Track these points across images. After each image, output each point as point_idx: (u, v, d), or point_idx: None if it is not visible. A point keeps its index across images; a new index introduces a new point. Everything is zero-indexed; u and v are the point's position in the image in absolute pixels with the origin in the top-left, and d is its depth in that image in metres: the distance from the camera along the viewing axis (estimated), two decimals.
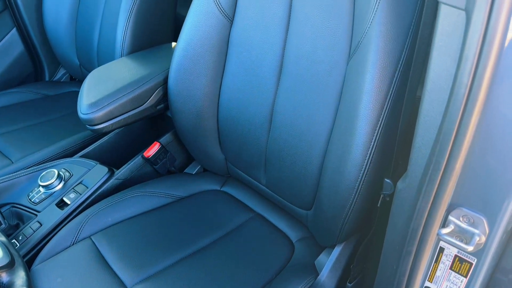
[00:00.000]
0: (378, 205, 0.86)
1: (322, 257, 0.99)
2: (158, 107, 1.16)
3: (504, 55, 0.50)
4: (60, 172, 1.12)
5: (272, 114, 0.98)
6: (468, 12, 0.48)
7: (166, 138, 1.22)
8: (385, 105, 0.75)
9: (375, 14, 0.72)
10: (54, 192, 1.10)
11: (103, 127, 1.05)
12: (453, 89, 0.52)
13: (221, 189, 1.19)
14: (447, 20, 0.52)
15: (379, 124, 0.75)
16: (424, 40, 0.67)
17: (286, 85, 0.93)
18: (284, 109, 0.94)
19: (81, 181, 1.12)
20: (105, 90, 1.06)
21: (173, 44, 1.31)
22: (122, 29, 1.24)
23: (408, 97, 0.77)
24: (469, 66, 0.49)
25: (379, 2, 0.72)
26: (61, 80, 1.72)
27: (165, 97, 1.15)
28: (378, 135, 0.76)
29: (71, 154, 1.25)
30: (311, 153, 0.90)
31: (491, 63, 0.49)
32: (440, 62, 0.54)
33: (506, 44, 0.49)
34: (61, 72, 1.72)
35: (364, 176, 0.79)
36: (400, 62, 0.74)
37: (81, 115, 1.03)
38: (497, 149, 0.55)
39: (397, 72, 0.74)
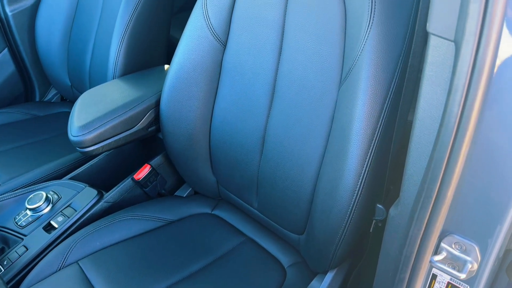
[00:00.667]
0: (371, 230, 0.85)
1: (314, 283, 0.98)
2: (149, 129, 1.15)
3: (493, 85, 0.51)
4: (48, 195, 1.10)
5: (264, 137, 0.98)
6: (457, 43, 0.49)
7: (157, 160, 1.21)
8: (376, 131, 0.75)
9: (365, 42, 0.74)
10: (42, 215, 1.08)
11: (93, 150, 1.04)
12: (444, 118, 0.52)
13: (212, 212, 1.18)
14: (437, 51, 0.53)
15: (370, 149, 0.76)
16: (414, 68, 0.68)
17: (278, 109, 0.94)
18: (276, 132, 0.94)
19: (70, 204, 1.10)
20: (96, 112, 1.05)
21: (166, 66, 1.32)
22: (115, 51, 1.25)
23: (399, 122, 0.78)
24: (458, 96, 0.50)
25: (369, 32, 0.73)
26: (52, 101, 1.71)
27: (156, 119, 1.15)
28: (370, 160, 0.77)
29: (60, 176, 1.23)
30: (303, 177, 0.90)
31: (480, 93, 0.50)
32: (430, 91, 0.54)
33: (494, 74, 0.50)
34: (52, 92, 1.71)
35: (356, 201, 0.79)
36: (391, 90, 0.75)
37: (71, 137, 1.02)
38: (488, 177, 0.56)
39: (387, 99, 0.75)
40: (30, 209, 1.08)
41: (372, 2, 0.73)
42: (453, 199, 0.58)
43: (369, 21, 0.74)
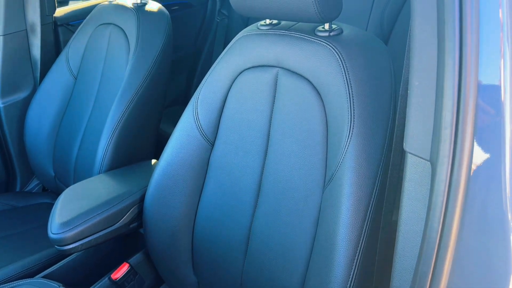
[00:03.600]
0: None
1: None
2: (131, 226, 1.13)
3: (470, 201, 0.53)
4: None
5: (249, 236, 0.97)
6: (433, 163, 0.53)
7: (136, 258, 1.17)
8: (362, 236, 0.76)
9: (346, 150, 0.78)
10: None
11: (72, 248, 1.00)
12: (425, 233, 0.54)
13: None
14: (414, 168, 0.56)
15: (357, 255, 0.76)
16: (395, 167, 0.71)
17: (263, 208, 0.94)
18: (261, 231, 0.94)
19: None
20: (79, 209, 1.04)
21: (153, 161, 1.34)
22: (104, 146, 1.27)
23: (384, 224, 0.79)
24: (438, 212, 0.52)
25: (349, 141, 0.78)
26: (33, 191, 1.68)
27: (139, 215, 1.14)
28: (356, 266, 0.76)
29: (32, 274, 1.17)
30: (290, 280, 0.88)
31: (459, 209, 0.53)
32: (411, 206, 0.57)
33: (470, 192, 0.53)
34: (34, 182, 1.69)
35: None
36: (373, 195, 0.77)
37: (51, 235, 0.99)
38: (472, 284, 0.56)
39: (371, 204, 0.77)
40: None
41: (351, 115, 0.79)
42: None
43: (349, 131, 0.79)
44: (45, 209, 1.48)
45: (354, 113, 0.78)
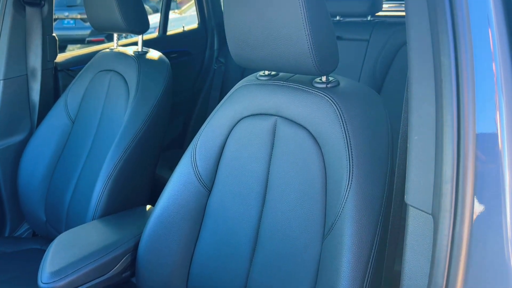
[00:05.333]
0: None
1: None
2: (123, 275, 1.10)
3: (473, 255, 0.53)
4: None
5: (246, 287, 0.94)
6: (435, 217, 0.53)
7: None
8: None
9: (346, 200, 0.78)
10: None
11: None
12: None
13: None
14: (416, 221, 0.56)
15: None
16: (394, 229, 0.71)
17: (261, 257, 0.92)
18: (259, 282, 0.91)
19: None
20: (70, 257, 1.01)
21: (148, 207, 1.32)
22: (99, 191, 1.25)
23: (386, 274, 0.77)
24: (442, 268, 0.52)
25: (348, 190, 0.78)
26: (23, 236, 1.64)
27: (132, 264, 1.11)
28: None
29: None
30: None
31: (462, 264, 0.52)
32: (414, 260, 0.56)
33: (472, 245, 0.53)
34: (24, 227, 1.65)
35: None
36: (374, 245, 0.76)
37: (41, 284, 0.96)
38: None
39: (372, 255, 0.76)
40: None
41: (350, 164, 0.79)
42: None
43: (348, 180, 0.79)
44: (35, 255, 1.43)
45: (352, 162, 0.79)
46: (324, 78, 0.90)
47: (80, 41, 6.28)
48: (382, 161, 0.82)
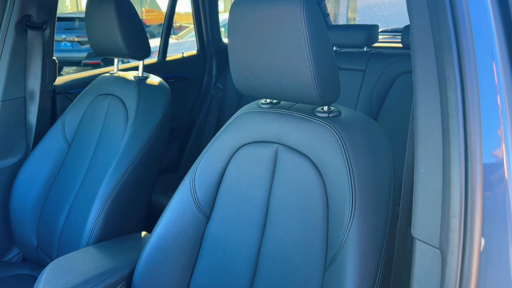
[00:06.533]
0: None
1: None
2: None
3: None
4: None
5: None
6: (443, 252, 0.52)
7: None
8: None
9: (348, 231, 0.77)
10: None
11: None
12: None
13: None
14: (423, 255, 0.55)
15: None
16: (398, 263, 0.70)
17: None
18: None
19: None
20: (64, 285, 0.98)
21: (143, 233, 1.29)
22: (94, 217, 1.23)
23: None
24: None
25: (351, 222, 0.77)
26: (12, 261, 1.59)
27: None
28: None
29: None
30: None
31: None
32: None
33: (481, 280, 0.52)
34: (14, 252, 1.60)
35: None
36: (377, 279, 0.75)
37: None
38: None
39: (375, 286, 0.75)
40: None
41: (352, 194, 0.79)
42: None
43: (351, 210, 0.78)
44: (24, 281, 1.39)
45: (355, 192, 0.79)
46: (326, 108, 0.91)
47: (77, 63, 6.32)
48: (385, 192, 0.82)
